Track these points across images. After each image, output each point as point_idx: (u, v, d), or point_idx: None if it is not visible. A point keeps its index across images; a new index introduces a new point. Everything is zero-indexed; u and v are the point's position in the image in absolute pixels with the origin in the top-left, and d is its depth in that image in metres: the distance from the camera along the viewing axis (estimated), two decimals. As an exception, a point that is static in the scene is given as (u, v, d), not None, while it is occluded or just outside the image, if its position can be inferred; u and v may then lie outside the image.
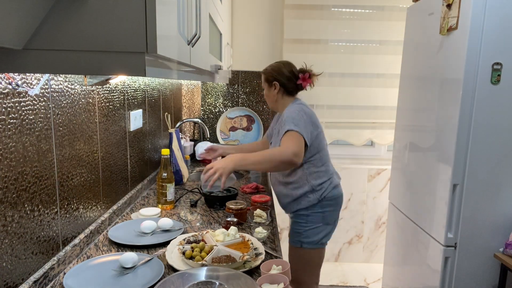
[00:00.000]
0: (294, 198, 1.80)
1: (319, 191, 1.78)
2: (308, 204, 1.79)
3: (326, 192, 1.79)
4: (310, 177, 1.77)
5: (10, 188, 0.90)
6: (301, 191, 1.78)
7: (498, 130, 1.77)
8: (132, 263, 1.15)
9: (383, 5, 2.99)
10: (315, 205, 1.79)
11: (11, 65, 0.72)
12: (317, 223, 1.80)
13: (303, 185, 1.78)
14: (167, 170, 1.69)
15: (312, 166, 1.77)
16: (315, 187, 1.77)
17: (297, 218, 1.83)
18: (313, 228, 1.80)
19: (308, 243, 1.80)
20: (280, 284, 1.05)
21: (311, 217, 1.80)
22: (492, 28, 1.69)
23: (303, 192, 1.78)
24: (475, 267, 1.88)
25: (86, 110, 1.28)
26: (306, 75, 1.80)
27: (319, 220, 1.80)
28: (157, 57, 0.80)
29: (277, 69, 1.82)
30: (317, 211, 1.79)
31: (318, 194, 1.78)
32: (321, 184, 1.78)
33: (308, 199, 1.78)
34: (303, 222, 1.81)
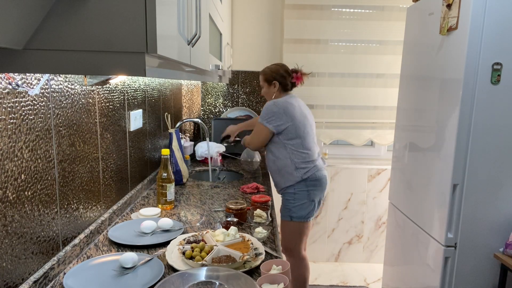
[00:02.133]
0: (281, 174, 2.17)
1: (302, 169, 2.14)
2: (293, 181, 2.14)
3: (309, 173, 2.14)
4: (292, 155, 2.14)
5: (10, 188, 0.90)
6: (285, 166, 2.16)
7: (498, 130, 1.77)
8: (132, 263, 1.15)
9: (383, 5, 2.99)
10: (300, 183, 2.14)
11: (11, 65, 0.72)
12: (303, 199, 2.16)
13: (286, 160, 2.15)
14: (167, 170, 1.69)
15: (293, 146, 2.14)
16: (297, 165, 2.14)
17: (286, 195, 2.20)
18: (300, 204, 2.16)
19: (296, 217, 2.18)
20: (280, 284, 1.05)
21: (298, 195, 2.16)
22: (492, 28, 1.69)
23: (287, 168, 2.15)
24: (475, 267, 1.88)
25: (86, 110, 1.28)
26: (299, 74, 2.24)
27: (304, 197, 2.16)
28: (157, 57, 0.80)
29: (275, 70, 2.21)
30: (303, 189, 2.15)
31: (301, 172, 2.13)
32: (304, 163, 2.14)
33: (293, 176, 2.14)
34: (291, 199, 2.17)
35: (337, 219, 3.27)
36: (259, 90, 3.20)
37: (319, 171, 2.17)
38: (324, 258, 3.32)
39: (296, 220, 2.17)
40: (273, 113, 2.09)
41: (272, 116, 2.09)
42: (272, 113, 2.09)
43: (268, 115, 2.10)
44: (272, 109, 2.09)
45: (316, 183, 2.15)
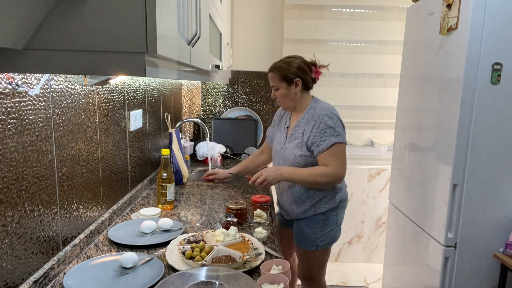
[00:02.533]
0: (314, 201, 1.76)
1: (340, 193, 1.80)
2: (328, 208, 1.76)
3: (343, 193, 1.82)
4: None
5: (10, 188, 0.90)
6: (325, 193, 1.75)
7: (498, 130, 1.77)
8: (132, 263, 1.15)
9: (383, 5, 2.99)
10: (334, 208, 1.78)
11: (11, 65, 0.72)
12: (332, 225, 1.79)
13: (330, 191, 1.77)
14: (167, 170, 1.69)
15: None
16: (337, 189, 1.79)
17: (312, 223, 1.78)
18: (329, 231, 1.79)
19: (322, 246, 1.80)
20: (280, 284, 1.05)
21: (329, 221, 1.78)
22: (492, 28, 1.69)
23: (326, 195, 1.75)
24: (475, 267, 1.88)
25: (86, 110, 1.28)
26: (318, 67, 1.79)
27: (334, 222, 1.80)
28: (157, 57, 0.80)
29: (296, 65, 1.72)
30: (333, 213, 1.79)
31: (339, 196, 1.79)
32: (341, 187, 1.81)
33: (329, 202, 1.76)
34: (319, 226, 1.78)
35: (337, 219, 3.27)
36: (259, 90, 3.19)
37: (345, 188, 1.87)
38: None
39: (321, 248, 1.80)
40: (342, 124, 1.71)
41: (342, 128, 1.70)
42: (342, 124, 1.71)
43: (340, 127, 1.69)
44: (339, 119, 1.71)
45: (345, 204, 1.85)
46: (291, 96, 1.74)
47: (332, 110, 1.70)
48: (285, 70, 1.70)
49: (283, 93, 1.74)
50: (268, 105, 3.20)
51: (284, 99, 1.76)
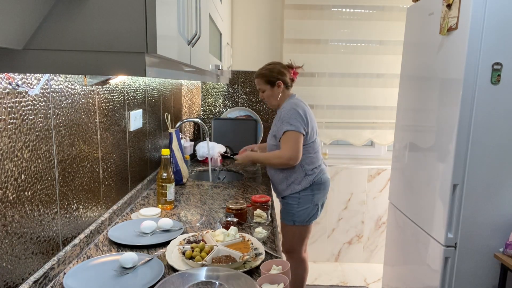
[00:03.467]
0: (289, 182, 2.09)
1: (311, 175, 2.08)
2: (300, 188, 2.08)
3: (317, 177, 2.09)
4: (303, 161, 2.05)
5: (10, 188, 0.90)
6: (294, 173, 2.07)
7: (498, 130, 1.77)
8: (132, 263, 1.15)
9: (383, 5, 2.99)
10: (307, 188, 2.08)
11: (11, 65, 0.72)
12: (307, 204, 2.10)
13: (297, 170, 2.06)
14: (167, 170, 1.69)
15: (306, 152, 2.05)
16: (308, 172, 2.07)
17: (289, 200, 2.12)
18: (304, 208, 2.10)
19: (299, 221, 2.13)
20: (280, 284, 1.05)
21: (302, 199, 2.09)
22: (492, 28, 1.69)
23: (296, 175, 2.07)
24: (475, 267, 1.88)
25: (86, 110, 1.28)
26: (294, 69, 2.17)
27: (309, 201, 2.10)
28: (157, 57, 0.80)
29: (276, 70, 2.11)
30: (308, 193, 2.09)
31: (310, 179, 2.07)
32: (313, 169, 2.08)
33: (301, 183, 2.07)
34: (295, 204, 2.11)
35: (337, 219, 3.27)
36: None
37: (324, 174, 2.13)
38: (324, 258, 3.32)
39: (298, 224, 2.13)
40: (299, 116, 2.00)
41: (300, 119, 2.00)
42: (299, 116, 2.00)
43: (297, 119, 1.99)
44: (298, 112, 2.00)
45: (321, 186, 2.11)
46: (275, 95, 2.13)
47: (294, 105, 2.03)
48: (268, 76, 2.10)
49: (269, 94, 2.13)
50: (268, 105, 3.20)
51: (270, 99, 2.15)
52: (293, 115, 2.00)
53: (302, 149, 2.02)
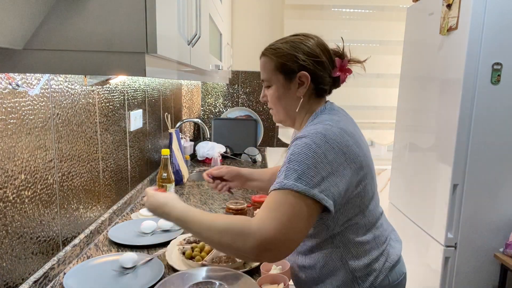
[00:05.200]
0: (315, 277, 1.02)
1: (367, 278, 0.99)
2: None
3: (379, 279, 1.00)
4: (347, 254, 0.98)
5: (10, 188, 0.90)
6: (332, 279, 0.99)
7: (498, 130, 1.77)
8: (132, 263, 1.15)
9: (383, 5, 2.99)
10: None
11: (11, 65, 0.72)
12: None
13: (335, 270, 0.99)
14: (167, 170, 1.69)
15: (351, 234, 0.98)
16: (358, 273, 0.99)
17: None
18: None
19: None
20: (280, 284, 1.05)
21: None
22: (492, 28, 1.69)
23: (336, 282, 0.99)
24: (475, 267, 1.88)
25: (86, 110, 1.28)
26: (345, 61, 1.06)
27: None
28: (157, 57, 0.80)
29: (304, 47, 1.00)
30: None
31: (365, 285, 0.99)
32: (370, 264, 0.99)
33: (348, 283, 0.99)
34: None
35: (337, 219, 3.26)
36: (259, 90, 3.19)
37: (395, 267, 1.06)
38: None
39: None
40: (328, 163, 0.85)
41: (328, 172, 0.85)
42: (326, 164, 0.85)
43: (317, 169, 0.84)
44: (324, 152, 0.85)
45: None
46: (287, 101, 1.02)
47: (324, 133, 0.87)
48: (285, 55, 0.99)
49: (276, 93, 1.02)
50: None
51: (277, 105, 1.04)
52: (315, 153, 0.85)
53: (342, 230, 0.97)
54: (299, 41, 1.01)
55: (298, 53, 0.99)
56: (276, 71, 1.01)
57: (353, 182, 0.90)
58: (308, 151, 0.85)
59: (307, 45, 1.01)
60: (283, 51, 1.00)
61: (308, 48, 1.00)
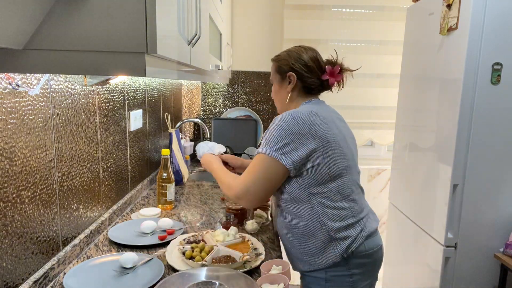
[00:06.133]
0: (305, 249, 1.22)
1: (343, 241, 1.18)
2: (326, 263, 1.19)
3: (355, 243, 1.18)
4: (324, 216, 1.18)
5: (10, 188, 0.90)
6: (310, 236, 1.20)
7: (498, 130, 1.77)
8: (132, 263, 1.15)
9: (383, 5, 2.99)
10: (338, 264, 1.18)
11: (11, 65, 0.72)
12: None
13: (315, 230, 1.18)
14: (167, 170, 1.69)
15: (324, 198, 1.18)
16: (334, 232, 1.17)
17: (311, 281, 1.23)
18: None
19: None
20: (280, 284, 1.05)
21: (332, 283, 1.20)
22: (492, 28, 1.69)
23: (314, 239, 1.19)
24: (475, 267, 1.88)
25: (86, 110, 1.28)
26: (336, 68, 1.30)
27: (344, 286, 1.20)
28: (157, 57, 0.80)
29: (295, 55, 1.30)
30: (341, 273, 1.19)
31: (342, 247, 1.17)
32: (345, 228, 1.18)
33: (325, 253, 1.18)
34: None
35: (337, 219, 3.27)
36: (259, 90, 3.19)
37: (370, 237, 1.22)
38: None
39: None
40: (291, 134, 1.14)
41: (290, 140, 1.14)
42: (290, 135, 1.14)
43: (282, 138, 1.14)
44: (289, 126, 1.14)
45: (366, 261, 1.21)
46: (281, 94, 1.34)
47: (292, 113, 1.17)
48: (282, 60, 1.32)
49: (274, 89, 1.37)
50: (268, 105, 3.20)
51: (275, 98, 1.38)
52: (277, 131, 1.15)
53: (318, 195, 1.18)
54: (295, 50, 1.32)
55: (290, 58, 1.31)
56: (276, 72, 1.35)
57: (317, 151, 1.15)
58: (275, 125, 1.17)
59: (299, 53, 1.31)
60: (281, 57, 1.34)
61: (299, 55, 1.30)
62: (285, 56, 1.32)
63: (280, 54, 1.34)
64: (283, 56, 1.32)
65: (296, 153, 1.14)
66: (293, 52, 1.31)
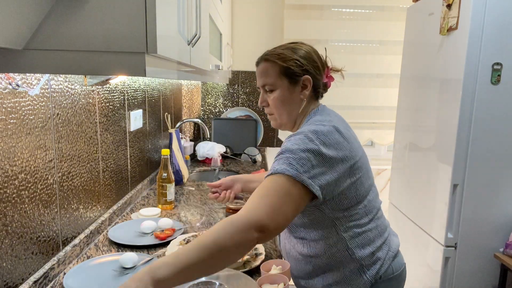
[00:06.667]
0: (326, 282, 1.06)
1: (373, 266, 1.04)
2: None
3: (384, 267, 1.05)
4: (352, 243, 1.02)
5: (10, 188, 0.90)
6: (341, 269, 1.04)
7: (498, 130, 1.77)
8: (132, 263, 1.15)
9: (383, 5, 3.00)
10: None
11: (11, 65, 0.72)
12: None
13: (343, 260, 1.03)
14: (167, 170, 1.69)
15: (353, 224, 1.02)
16: (365, 262, 1.03)
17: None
18: None
19: None
20: (280, 284, 1.05)
21: None
22: (492, 28, 1.69)
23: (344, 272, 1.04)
24: (475, 267, 1.88)
25: (86, 110, 1.28)
26: (328, 70, 1.14)
27: None
28: (157, 57, 0.80)
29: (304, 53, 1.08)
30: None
31: (371, 273, 1.04)
32: (374, 253, 1.05)
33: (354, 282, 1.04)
34: None
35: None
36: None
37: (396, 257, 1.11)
38: None
39: None
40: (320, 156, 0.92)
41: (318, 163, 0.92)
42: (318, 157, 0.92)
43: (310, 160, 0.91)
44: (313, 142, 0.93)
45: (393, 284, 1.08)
46: (291, 103, 1.07)
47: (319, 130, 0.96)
48: (289, 60, 1.05)
49: (280, 96, 1.07)
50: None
51: (280, 108, 1.08)
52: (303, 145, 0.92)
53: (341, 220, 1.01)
54: (298, 47, 1.10)
55: (300, 58, 1.07)
56: (281, 75, 1.07)
57: (345, 174, 0.96)
58: (301, 143, 0.93)
59: (305, 50, 1.10)
60: (286, 56, 1.07)
61: (307, 53, 1.09)
62: (292, 55, 1.06)
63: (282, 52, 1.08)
64: (289, 54, 1.06)
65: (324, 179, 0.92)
66: (298, 50, 1.08)
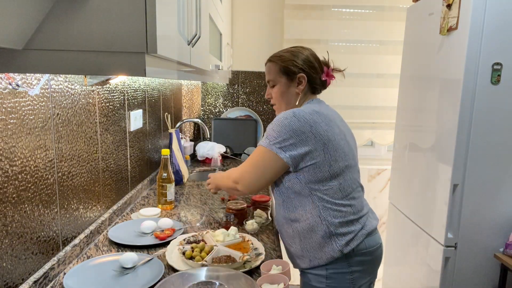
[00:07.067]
0: (303, 243, 1.24)
1: (343, 237, 1.20)
2: (326, 259, 1.21)
3: (355, 241, 1.21)
4: (324, 211, 1.20)
5: (10, 188, 0.90)
6: (311, 232, 1.21)
7: (498, 130, 1.77)
8: (132, 263, 1.15)
9: (383, 5, 3.00)
10: (338, 260, 1.21)
11: (11, 65, 0.72)
12: None
13: (315, 225, 1.20)
14: (167, 170, 1.69)
15: (326, 195, 1.20)
16: (334, 228, 1.20)
17: (312, 278, 1.25)
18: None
19: None
20: (280, 284, 1.05)
21: (333, 280, 1.22)
22: (492, 28, 1.69)
23: (315, 234, 1.21)
24: (475, 267, 1.88)
25: (86, 110, 1.28)
26: (330, 69, 1.35)
27: (345, 284, 1.23)
28: (157, 57, 0.80)
29: (302, 55, 1.31)
30: (342, 271, 1.22)
31: (341, 243, 1.20)
32: (346, 224, 1.21)
33: (325, 249, 1.21)
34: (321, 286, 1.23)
35: (337, 219, 3.27)
36: (259, 90, 3.19)
37: (370, 235, 1.26)
38: None
39: None
40: (292, 131, 1.17)
41: (289, 136, 1.17)
42: (290, 131, 1.17)
43: (282, 134, 1.17)
44: (290, 123, 1.17)
45: (366, 259, 1.25)
46: (289, 96, 1.32)
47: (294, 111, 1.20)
48: (287, 61, 1.30)
49: (279, 90, 1.32)
50: (268, 105, 3.20)
51: (280, 100, 1.34)
52: (279, 128, 1.18)
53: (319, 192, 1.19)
54: (298, 50, 1.34)
55: (297, 59, 1.31)
56: (280, 73, 1.33)
57: (317, 149, 1.17)
58: (277, 121, 1.19)
59: (304, 54, 1.33)
60: (285, 57, 1.32)
61: (304, 56, 1.33)
62: (290, 57, 1.31)
63: (282, 54, 1.33)
64: (288, 56, 1.31)
65: (295, 149, 1.17)
66: (297, 53, 1.32)
